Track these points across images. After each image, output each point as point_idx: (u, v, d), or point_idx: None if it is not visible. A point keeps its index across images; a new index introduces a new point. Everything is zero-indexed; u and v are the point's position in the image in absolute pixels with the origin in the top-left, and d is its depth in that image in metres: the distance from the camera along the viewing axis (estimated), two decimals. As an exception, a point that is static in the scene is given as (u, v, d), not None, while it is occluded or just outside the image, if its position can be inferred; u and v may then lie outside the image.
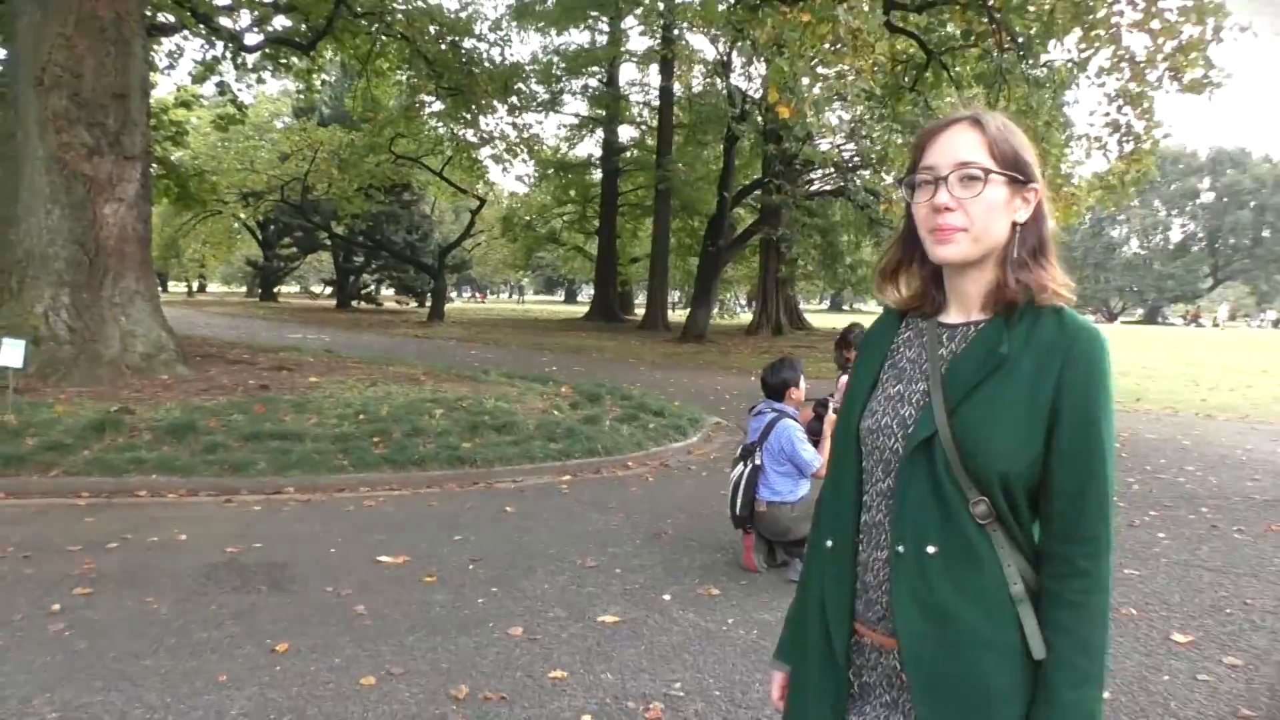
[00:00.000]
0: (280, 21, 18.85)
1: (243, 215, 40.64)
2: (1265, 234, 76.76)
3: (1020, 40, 12.47)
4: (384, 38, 19.42)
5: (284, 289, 64.13)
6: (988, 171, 1.40)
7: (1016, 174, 1.42)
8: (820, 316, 53.30)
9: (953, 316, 1.50)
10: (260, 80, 26.10)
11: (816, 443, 5.49)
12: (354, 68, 23.07)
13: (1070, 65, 13.15)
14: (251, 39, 18.14)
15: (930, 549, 1.36)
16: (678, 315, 37.28)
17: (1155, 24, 11.38)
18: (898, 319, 1.59)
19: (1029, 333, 1.39)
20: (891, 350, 1.55)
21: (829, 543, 1.52)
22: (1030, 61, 12.08)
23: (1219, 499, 7.73)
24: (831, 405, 5.51)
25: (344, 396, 9.71)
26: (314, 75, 21.13)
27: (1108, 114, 13.10)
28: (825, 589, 1.50)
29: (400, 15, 18.68)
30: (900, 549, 1.39)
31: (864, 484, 1.49)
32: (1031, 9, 12.03)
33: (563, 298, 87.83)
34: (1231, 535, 6.54)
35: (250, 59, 19.00)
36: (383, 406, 9.18)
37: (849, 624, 1.47)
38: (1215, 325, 66.05)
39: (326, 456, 7.45)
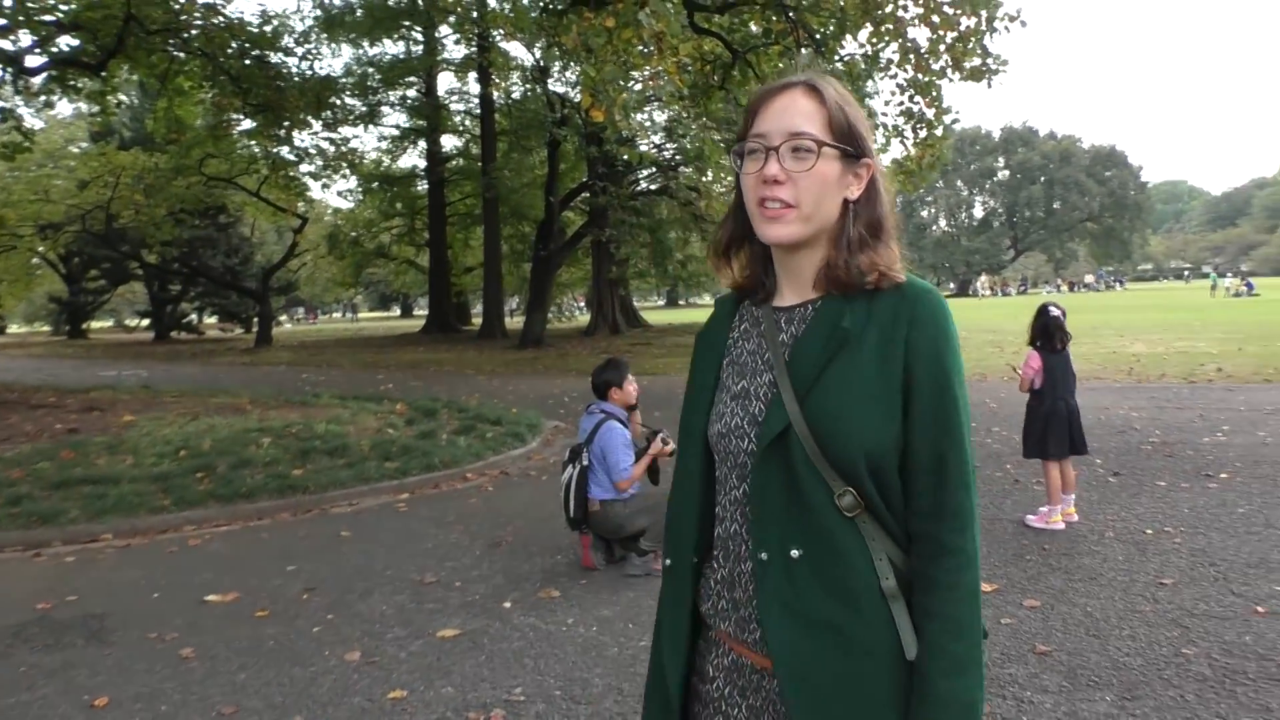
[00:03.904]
0: (66, 41, 17.66)
1: (41, 248, 37.84)
2: (1055, 206, 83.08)
3: (817, 37, 13.06)
4: (182, 55, 18.48)
5: (95, 324, 60.16)
6: (821, 144, 1.30)
7: (849, 148, 1.32)
8: (657, 313, 54.27)
9: (787, 299, 1.40)
10: (49, 105, 24.35)
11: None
12: (153, 87, 21.86)
13: (864, 59, 13.89)
14: (33, 61, 16.92)
15: (794, 553, 1.26)
16: (515, 322, 37.11)
17: (935, 18, 12.17)
18: (731, 311, 1.49)
19: (869, 305, 1.30)
20: (729, 345, 1.44)
21: (668, 561, 1.39)
22: (827, 57, 12.67)
23: (1019, 454, 8.36)
24: (661, 436, 5.61)
25: (162, 433, 9.27)
26: (109, 97, 19.88)
27: (901, 103, 13.92)
28: (661, 610, 1.38)
29: (198, 31, 17.82)
30: (763, 556, 1.28)
31: (718, 494, 1.39)
32: (825, 8, 12.62)
33: (399, 313, 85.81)
34: (1032, 488, 7.10)
35: (35, 82, 17.72)
36: (205, 440, 8.82)
37: (684, 654, 1.37)
38: (977, 296, 71.83)
39: (146, 498, 7.11)
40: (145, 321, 57.41)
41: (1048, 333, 6.15)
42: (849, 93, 1.37)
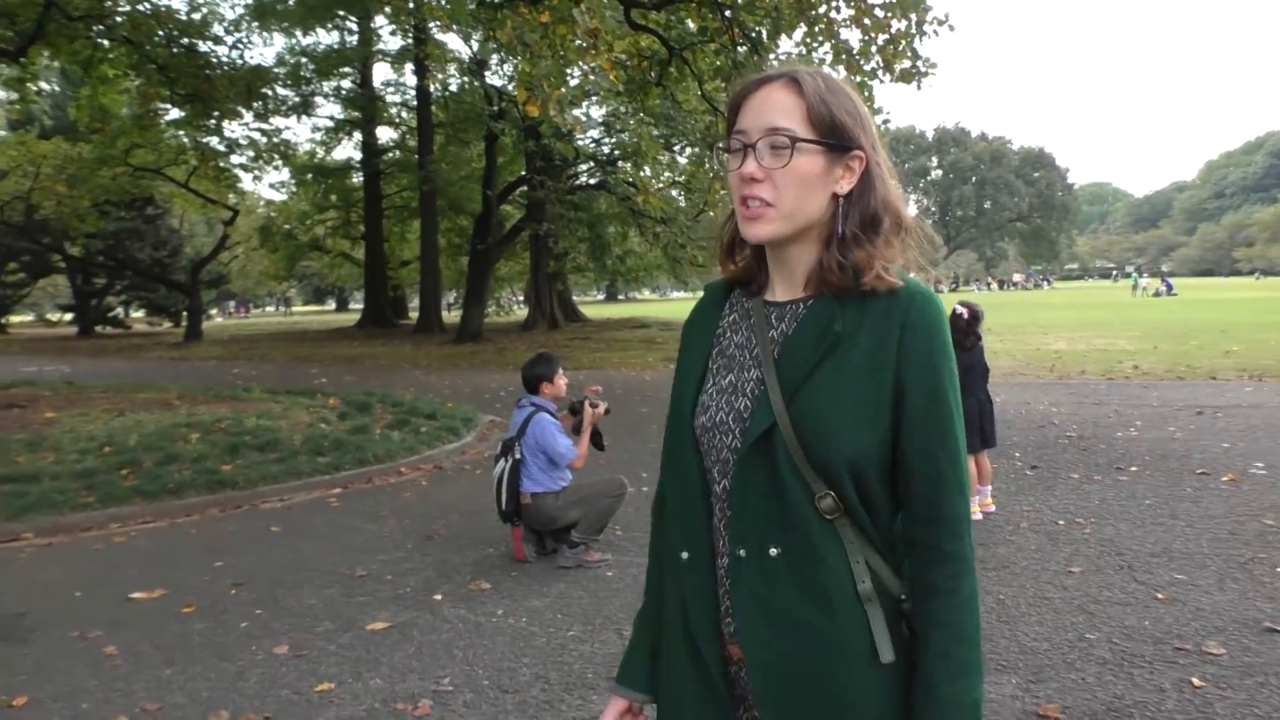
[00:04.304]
0: (-19, 26, 17.10)
1: (-44, 240, 36.56)
2: (986, 205, 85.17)
3: (753, 36, 13.21)
4: (106, 42, 17.98)
5: (14, 319, 58.19)
6: (795, 140, 1.24)
7: (833, 141, 1.26)
8: (596, 308, 54.30)
9: (779, 294, 1.35)
10: (-37, 91, 23.49)
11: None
12: (76, 74, 21.22)
13: (799, 59, 14.09)
14: (-53, 46, 16.33)
15: (773, 551, 1.25)
16: (453, 316, 36.85)
17: (867, 20, 12.39)
18: (721, 299, 1.45)
19: (862, 307, 1.25)
20: (718, 335, 1.40)
21: (684, 554, 1.35)
22: (762, 56, 12.81)
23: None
24: (588, 401, 5.71)
25: (86, 430, 9.08)
26: (28, 84, 19.24)
27: (834, 104, 14.09)
28: (688, 605, 1.34)
29: (123, 18, 17.35)
30: (741, 553, 1.27)
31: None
32: (760, 7, 12.77)
33: (334, 306, 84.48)
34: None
35: (-51, 68, 17.16)
36: (131, 436, 8.66)
37: (718, 641, 1.33)
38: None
39: (69, 495, 6.97)
40: (69, 316, 55.66)
41: (956, 332, 6.37)
42: (842, 83, 1.31)
